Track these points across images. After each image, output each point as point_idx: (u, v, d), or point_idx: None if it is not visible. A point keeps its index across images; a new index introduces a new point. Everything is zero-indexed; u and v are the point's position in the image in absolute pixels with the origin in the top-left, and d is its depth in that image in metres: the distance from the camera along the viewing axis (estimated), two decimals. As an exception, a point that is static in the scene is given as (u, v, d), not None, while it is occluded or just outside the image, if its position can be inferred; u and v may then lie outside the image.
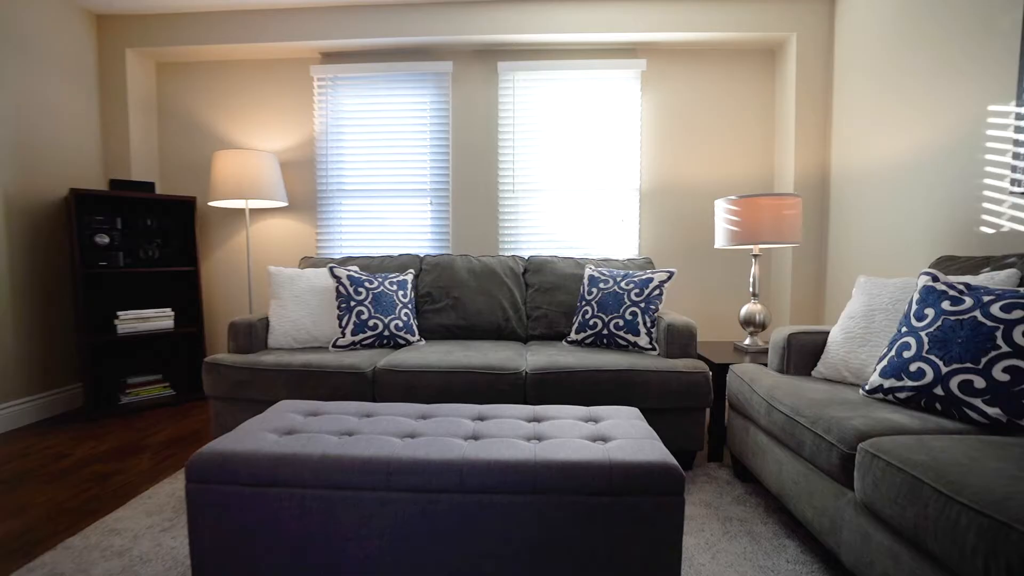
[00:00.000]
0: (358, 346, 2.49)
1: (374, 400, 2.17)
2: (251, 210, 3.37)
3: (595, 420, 1.42)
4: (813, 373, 1.88)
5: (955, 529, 0.91)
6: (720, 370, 2.17)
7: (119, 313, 2.88)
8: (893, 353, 1.52)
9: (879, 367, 1.55)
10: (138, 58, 3.25)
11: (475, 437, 1.29)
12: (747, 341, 2.43)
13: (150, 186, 3.00)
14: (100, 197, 2.87)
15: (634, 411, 1.48)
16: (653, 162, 3.21)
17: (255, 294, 3.40)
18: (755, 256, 2.44)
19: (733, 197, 2.33)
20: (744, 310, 2.43)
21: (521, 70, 3.18)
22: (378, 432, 1.31)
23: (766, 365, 2.06)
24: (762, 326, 2.41)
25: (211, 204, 3.01)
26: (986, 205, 1.95)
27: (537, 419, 1.43)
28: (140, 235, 3.11)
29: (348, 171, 3.34)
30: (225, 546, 1.17)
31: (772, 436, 1.66)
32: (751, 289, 2.46)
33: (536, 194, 3.27)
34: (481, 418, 1.44)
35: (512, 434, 1.29)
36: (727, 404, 2.07)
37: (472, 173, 3.26)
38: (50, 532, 1.66)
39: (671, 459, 1.12)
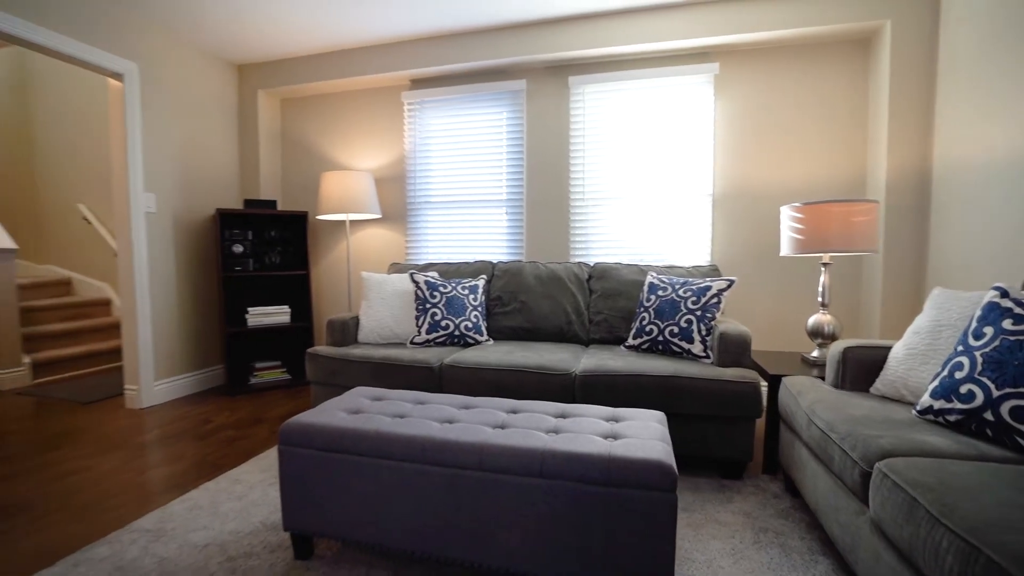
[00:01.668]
0: (431, 344, 2.79)
1: (440, 392, 2.44)
2: (351, 222, 3.87)
3: (616, 420, 1.53)
4: (871, 390, 1.79)
5: (937, 551, 0.92)
6: (776, 381, 2.12)
7: (249, 309, 3.50)
8: (946, 373, 1.44)
9: (931, 387, 1.48)
10: (267, 97, 3.89)
11: (502, 427, 1.48)
12: (815, 353, 2.33)
13: (273, 204, 3.59)
14: (237, 215, 3.50)
15: (658, 415, 1.57)
16: (727, 167, 3.14)
17: (353, 295, 3.89)
18: (824, 265, 2.33)
19: (797, 204, 2.26)
20: (812, 320, 2.34)
21: (591, 83, 3.30)
22: (424, 417, 1.55)
23: (824, 379, 1.99)
24: (832, 337, 2.30)
25: (319, 218, 3.52)
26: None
27: (563, 415, 1.58)
28: (265, 244, 3.73)
29: (433, 184, 3.69)
30: (303, 495, 1.48)
31: (810, 450, 1.64)
32: (820, 299, 2.35)
33: (606, 202, 3.36)
34: (514, 411, 1.63)
35: (535, 426, 1.46)
36: (780, 416, 2.03)
37: (545, 183, 3.44)
38: (195, 476, 2.14)
39: (667, 459, 1.22)
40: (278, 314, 3.59)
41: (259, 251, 3.70)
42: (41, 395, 3.46)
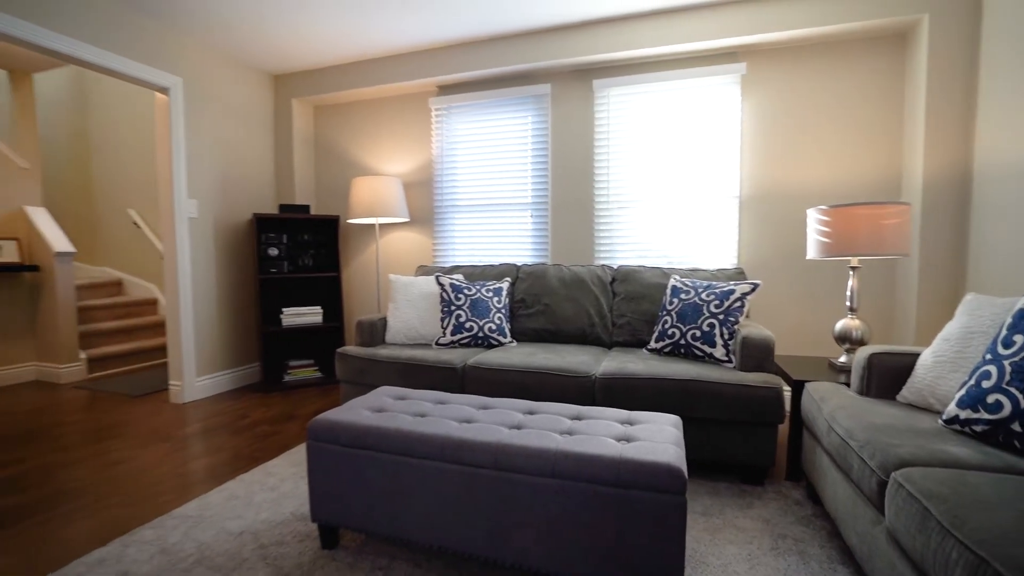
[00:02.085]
0: (456, 345, 2.85)
1: (463, 392, 2.50)
2: (380, 225, 3.98)
3: (630, 423, 1.55)
4: (898, 397, 1.75)
5: (947, 562, 0.91)
6: (799, 386, 2.09)
7: (283, 309, 3.65)
8: (973, 382, 1.40)
9: (958, 396, 1.44)
10: (301, 105, 4.05)
11: (518, 427, 1.52)
12: (842, 359, 2.28)
13: (306, 208, 3.73)
14: (272, 219, 3.66)
15: (673, 419, 1.58)
16: (755, 168, 3.09)
17: (382, 296, 4.00)
18: (853, 268, 2.28)
19: (824, 207, 2.22)
20: (839, 325, 2.29)
21: (615, 86, 3.30)
22: (444, 416, 1.61)
23: (849, 385, 1.95)
24: (860, 343, 2.24)
25: (350, 221, 3.64)
26: None
27: (579, 417, 1.61)
28: (299, 247, 3.88)
29: (460, 188, 3.76)
30: (329, 488, 1.56)
31: (831, 457, 1.62)
32: (848, 303, 2.30)
33: (631, 205, 3.35)
34: (531, 412, 1.67)
35: (550, 428, 1.49)
36: (802, 422, 2.00)
37: (569, 186, 3.46)
38: (231, 468, 2.27)
39: (677, 462, 1.23)
40: (311, 314, 3.73)
41: (293, 254, 3.85)
42: (95, 389, 3.70)
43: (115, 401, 3.39)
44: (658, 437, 1.40)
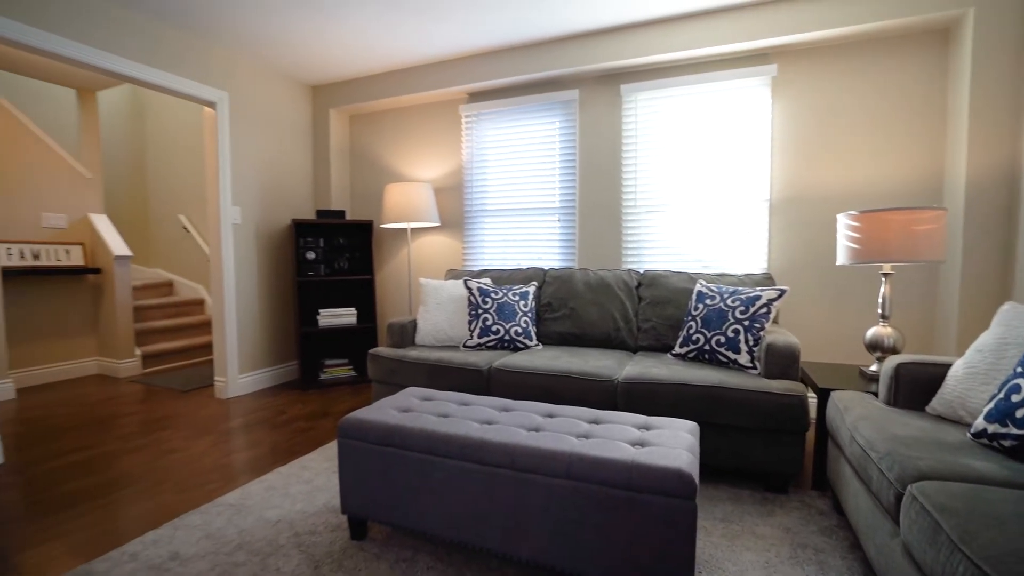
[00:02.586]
0: (483, 347, 2.93)
1: (488, 394, 2.57)
2: (412, 230, 4.11)
3: (647, 428, 1.58)
4: (927, 408, 1.71)
5: None
6: (825, 395, 2.06)
7: (320, 310, 3.82)
8: (1002, 395, 1.37)
9: (986, 409, 1.41)
10: (337, 115, 4.22)
11: (536, 430, 1.58)
12: (873, 367, 2.23)
13: (342, 213, 3.89)
14: (310, 224, 3.83)
15: (689, 425, 1.60)
16: (786, 171, 3.04)
17: (413, 299, 4.12)
18: (885, 275, 2.22)
19: (853, 212, 2.17)
20: (870, 333, 2.24)
21: (643, 90, 3.31)
22: (466, 417, 1.68)
23: (877, 395, 1.92)
24: (892, 351, 2.19)
25: (383, 226, 3.78)
26: None
27: (596, 421, 1.65)
28: (335, 251, 4.05)
29: (489, 193, 3.84)
30: (358, 483, 1.65)
31: (853, 467, 1.60)
32: (880, 310, 2.24)
33: (659, 209, 3.35)
34: (550, 415, 1.72)
35: (567, 431, 1.54)
36: (827, 431, 1.98)
37: (597, 191, 3.49)
38: (270, 461, 2.41)
39: (688, 468, 1.26)
40: (346, 316, 3.88)
41: (329, 257, 4.02)
42: (148, 383, 3.97)
43: (166, 395, 3.63)
44: (672, 443, 1.42)
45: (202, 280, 5.34)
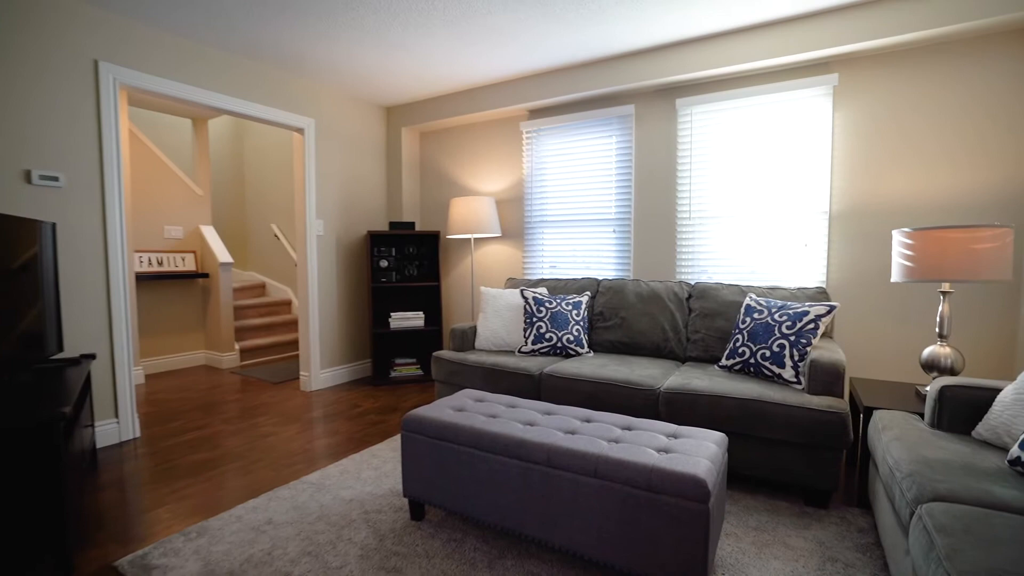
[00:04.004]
0: (536, 353, 3.12)
1: (539, 398, 2.77)
2: (475, 240, 4.38)
3: (675, 436, 1.70)
4: (973, 433, 1.70)
5: (941, 587, 0.99)
6: (870, 413, 2.06)
7: (392, 314, 4.19)
8: (1036, 422, 1.37)
9: (1022, 437, 1.41)
10: (409, 133, 4.58)
11: (572, 432, 1.75)
12: (928, 387, 2.18)
13: (412, 225, 4.24)
14: (383, 235, 4.21)
15: (717, 436, 1.70)
16: (847, 183, 2.98)
17: (475, 305, 4.40)
18: (944, 293, 2.17)
19: (907, 229, 2.14)
20: (926, 352, 2.19)
21: (698, 103, 3.35)
22: (511, 419, 1.88)
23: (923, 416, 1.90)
24: (950, 372, 2.13)
25: (449, 236, 4.08)
26: None
27: (629, 428, 1.79)
28: (405, 259, 4.41)
29: (548, 204, 4.03)
30: (418, 471, 1.91)
31: (884, 486, 1.63)
32: (937, 329, 2.19)
33: (713, 221, 3.38)
34: (587, 420, 1.88)
35: (600, 435, 1.70)
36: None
37: (651, 203, 3.57)
38: (344, 449, 2.76)
39: (704, 475, 1.38)
40: (414, 319, 4.23)
41: (400, 265, 4.39)
42: (245, 374, 4.53)
43: (260, 386, 4.14)
44: (695, 451, 1.55)
45: (289, 282, 5.96)
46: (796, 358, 2.33)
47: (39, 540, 1.64)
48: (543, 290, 3.37)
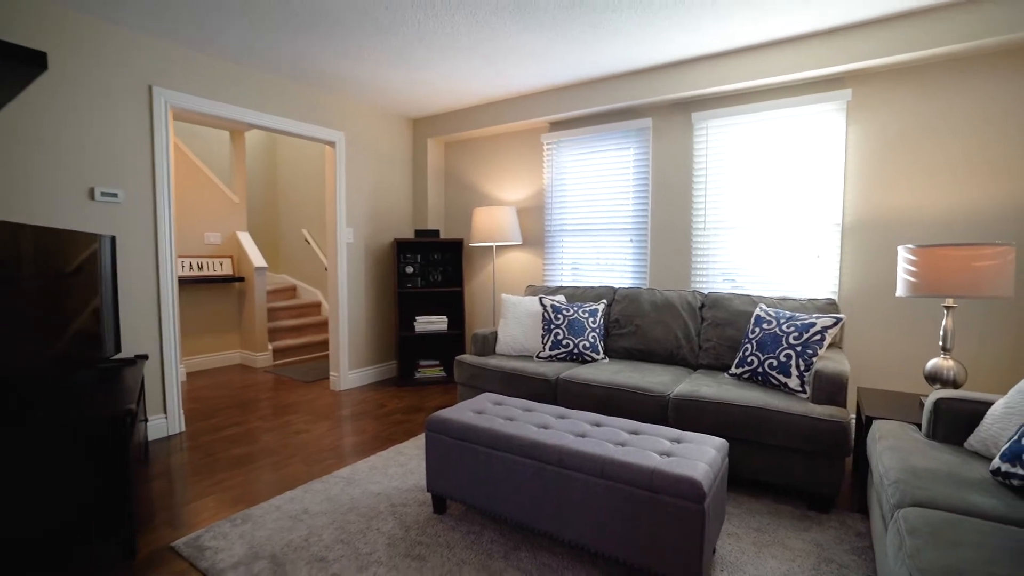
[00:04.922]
0: (553, 359, 3.27)
1: (555, 402, 2.91)
2: (496, 248, 4.55)
3: (678, 441, 1.83)
4: (965, 444, 1.78)
5: (905, 582, 1.10)
6: (870, 422, 2.14)
7: (416, 317, 4.39)
8: (1016, 437, 1.46)
9: (1002, 449, 1.49)
10: (434, 144, 4.78)
11: (583, 436, 1.89)
12: (926, 399, 2.25)
13: (436, 232, 4.43)
14: (409, 242, 4.42)
15: (718, 442, 1.82)
16: (859, 196, 3.04)
17: (496, 310, 4.56)
18: (947, 308, 2.24)
19: (911, 246, 2.22)
20: (930, 365, 2.26)
21: (714, 117, 3.45)
22: (526, 422, 2.04)
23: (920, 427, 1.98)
24: (952, 384, 2.20)
25: (471, 244, 4.25)
26: None
27: (636, 432, 1.93)
28: (430, 266, 4.60)
29: (567, 214, 4.17)
30: (440, 468, 2.08)
31: (876, 492, 1.72)
32: (941, 342, 2.25)
33: (728, 232, 3.47)
34: (597, 424, 2.02)
35: (608, 439, 1.84)
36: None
37: (668, 213, 3.68)
38: (371, 446, 2.95)
39: (701, 477, 1.51)
40: (438, 323, 4.42)
41: (425, 271, 4.59)
42: (277, 373, 4.79)
43: (292, 385, 4.39)
44: (695, 456, 1.67)
45: (318, 285, 6.23)
46: (802, 368, 2.43)
47: (105, 524, 1.86)
48: (561, 298, 3.51)
